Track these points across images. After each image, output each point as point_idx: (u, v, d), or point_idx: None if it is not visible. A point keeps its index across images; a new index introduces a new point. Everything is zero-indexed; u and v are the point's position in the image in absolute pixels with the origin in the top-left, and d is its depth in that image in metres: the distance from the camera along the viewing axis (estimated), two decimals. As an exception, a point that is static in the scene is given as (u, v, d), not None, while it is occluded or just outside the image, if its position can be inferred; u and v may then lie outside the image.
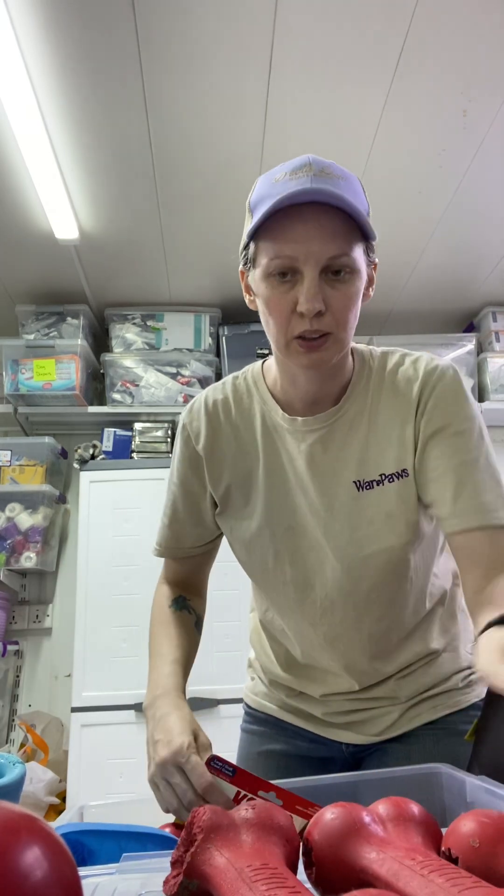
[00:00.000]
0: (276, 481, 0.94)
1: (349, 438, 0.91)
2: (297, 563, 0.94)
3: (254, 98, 1.84)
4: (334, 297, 0.81)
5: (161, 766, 0.73)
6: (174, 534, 1.03)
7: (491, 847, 0.42)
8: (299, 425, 0.92)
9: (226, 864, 0.39)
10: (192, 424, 0.99)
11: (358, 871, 0.41)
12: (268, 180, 0.82)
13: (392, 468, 0.89)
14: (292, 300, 0.80)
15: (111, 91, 1.80)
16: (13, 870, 0.31)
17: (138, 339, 2.84)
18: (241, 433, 0.96)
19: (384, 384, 0.92)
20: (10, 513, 2.63)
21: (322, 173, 0.79)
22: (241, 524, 0.97)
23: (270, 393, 0.96)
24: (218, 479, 0.97)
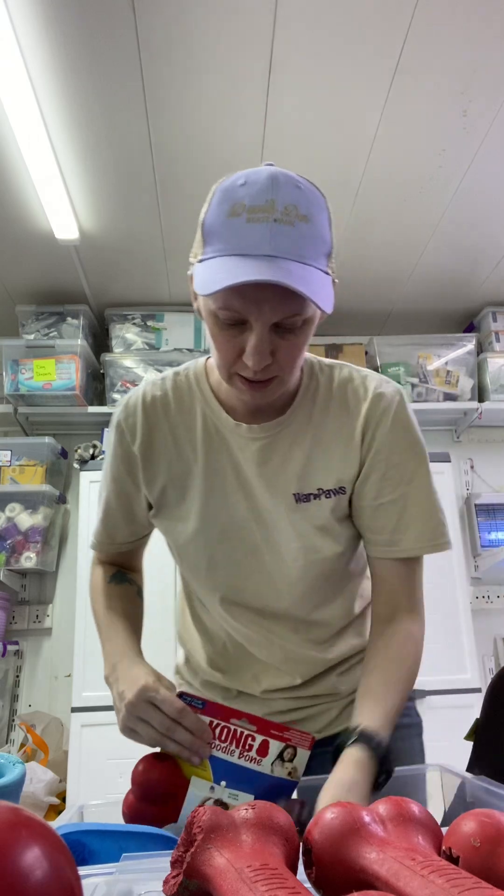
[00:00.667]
0: (214, 485, 0.91)
1: (293, 450, 0.90)
2: (231, 568, 0.92)
3: (254, 98, 1.84)
4: (283, 348, 0.77)
5: (131, 706, 0.75)
6: (107, 530, 1.01)
7: (492, 847, 0.42)
8: (244, 431, 0.90)
9: (226, 864, 0.38)
10: (128, 421, 0.93)
11: (358, 872, 0.41)
12: (224, 205, 0.73)
13: (331, 484, 0.89)
14: (239, 346, 0.77)
15: (111, 91, 1.80)
16: (13, 870, 0.31)
17: (138, 339, 2.84)
18: (179, 433, 0.92)
19: (332, 399, 0.91)
20: (10, 513, 2.63)
21: (285, 217, 0.71)
22: (176, 526, 0.94)
23: (214, 394, 0.93)
24: (153, 479, 0.93)
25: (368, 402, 0.89)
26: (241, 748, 0.72)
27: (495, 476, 3.06)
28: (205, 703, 0.73)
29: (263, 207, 0.71)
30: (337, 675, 0.98)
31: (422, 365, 2.95)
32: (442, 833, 0.45)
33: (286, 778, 0.73)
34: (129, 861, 0.53)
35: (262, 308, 0.73)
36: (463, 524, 2.91)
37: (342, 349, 2.93)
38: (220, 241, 0.73)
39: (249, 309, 0.73)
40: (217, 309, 0.75)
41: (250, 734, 0.72)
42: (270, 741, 0.72)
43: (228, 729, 0.72)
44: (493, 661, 2.79)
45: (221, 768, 0.72)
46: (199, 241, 0.78)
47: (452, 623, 2.45)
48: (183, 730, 0.72)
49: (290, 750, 0.73)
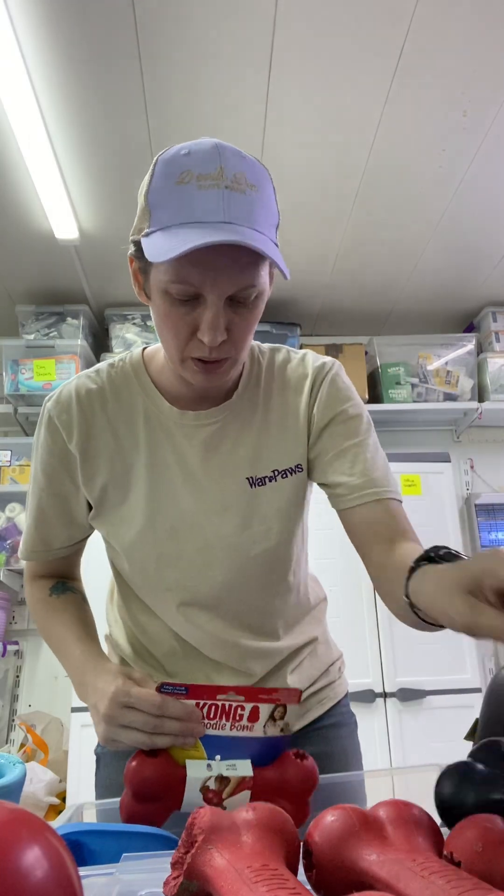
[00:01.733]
0: (159, 479, 0.87)
1: (242, 434, 0.88)
2: (182, 566, 0.88)
3: (254, 98, 1.84)
4: (237, 324, 0.75)
5: (108, 718, 0.71)
6: (42, 537, 0.94)
7: (493, 852, 0.41)
8: (190, 419, 0.87)
9: (226, 865, 0.38)
10: (62, 418, 0.87)
11: (358, 873, 0.41)
12: (171, 175, 0.71)
13: (286, 464, 0.88)
14: (192, 323, 0.74)
15: (111, 91, 1.80)
16: (13, 870, 0.31)
17: (138, 339, 2.84)
18: (119, 426, 0.88)
19: (275, 380, 0.91)
20: (10, 513, 2.63)
21: (235, 184, 0.69)
22: (120, 527, 0.89)
23: (154, 384, 0.89)
24: (92, 477, 0.88)
25: (310, 375, 0.90)
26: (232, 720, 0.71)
27: (495, 476, 3.06)
28: (187, 688, 0.71)
29: (213, 175, 0.69)
30: (290, 672, 0.95)
31: (422, 365, 2.95)
32: (442, 835, 0.45)
33: (279, 735, 0.72)
34: (129, 861, 0.53)
35: (218, 278, 0.70)
36: (463, 524, 2.91)
37: (342, 349, 2.93)
38: (168, 209, 0.70)
39: (205, 279, 0.70)
40: (170, 283, 0.72)
41: (239, 704, 0.71)
42: (260, 706, 0.71)
43: (216, 706, 0.71)
44: (493, 661, 2.79)
45: (213, 743, 0.71)
46: (142, 215, 0.74)
47: (452, 623, 2.45)
48: (170, 720, 0.69)
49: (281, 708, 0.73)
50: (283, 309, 2.91)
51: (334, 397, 0.89)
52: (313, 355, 0.94)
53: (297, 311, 2.94)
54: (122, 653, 0.99)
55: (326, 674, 1.01)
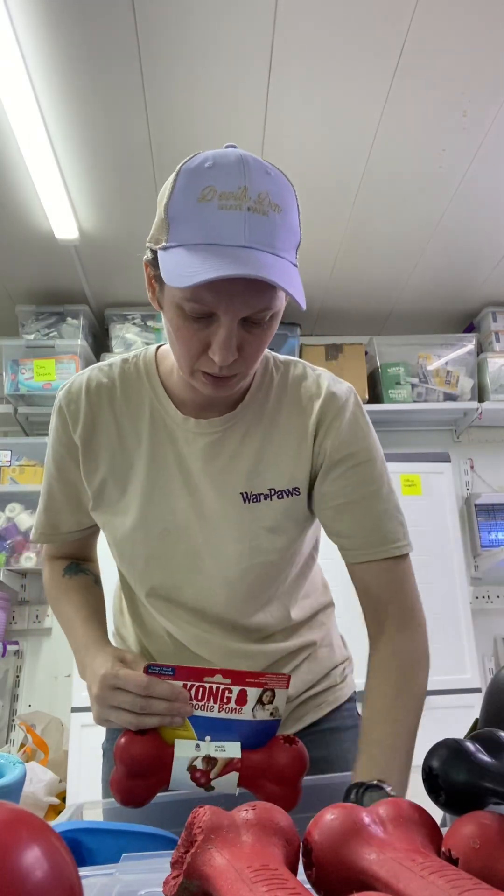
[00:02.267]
0: (158, 479, 0.87)
1: (242, 447, 0.87)
2: (170, 568, 0.88)
3: (254, 98, 1.84)
4: (249, 343, 0.74)
5: (99, 699, 0.73)
6: (50, 520, 0.96)
7: (491, 849, 0.42)
8: (192, 426, 0.86)
9: (226, 864, 0.38)
10: (70, 408, 0.88)
11: (358, 873, 0.41)
12: (193, 190, 0.69)
13: (283, 485, 0.86)
14: (204, 340, 0.73)
15: (111, 91, 1.80)
16: (13, 870, 0.31)
17: (138, 339, 2.84)
18: (124, 423, 0.88)
19: (286, 395, 0.89)
20: (10, 513, 2.63)
21: (258, 206, 0.67)
22: (114, 520, 0.89)
23: (163, 385, 0.89)
24: (93, 470, 0.88)
25: (321, 399, 0.87)
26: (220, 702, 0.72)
27: (495, 476, 3.06)
28: (174, 670, 0.72)
29: (236, 195, 0.67)
30: None
31: (422, 365, 2.95)
32: (442, 834, 0.45)
33: (269, 719, 0.73)
34: (129, 861, 0.53)
35: (232, 302, 0.69)
36: (463, 524, 2.91)
37: (342, 349, 2.93)
38: (188, 228, 0.69)
39: (220, 303, 0.69)
40: (184, 301, 0.71)
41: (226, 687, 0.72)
42: (248, 689, 0.72)
43: (203, 688, 0.72)
44: (493, 661, 2.79)
45: (203, 724, 0.71)
46: (160, 225, 0.73)
47: (452, 623, 2.45)
48: (157, 700, 0.70)
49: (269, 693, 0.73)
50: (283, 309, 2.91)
51: (347, 437, 0.86)
52: (330, 377, 0.90)
53: (297, 310, 2.94)
54: (127, 646, 1.00)
55: (327, 678, 0.99)
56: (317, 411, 0.86)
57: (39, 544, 1.01)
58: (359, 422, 0.88)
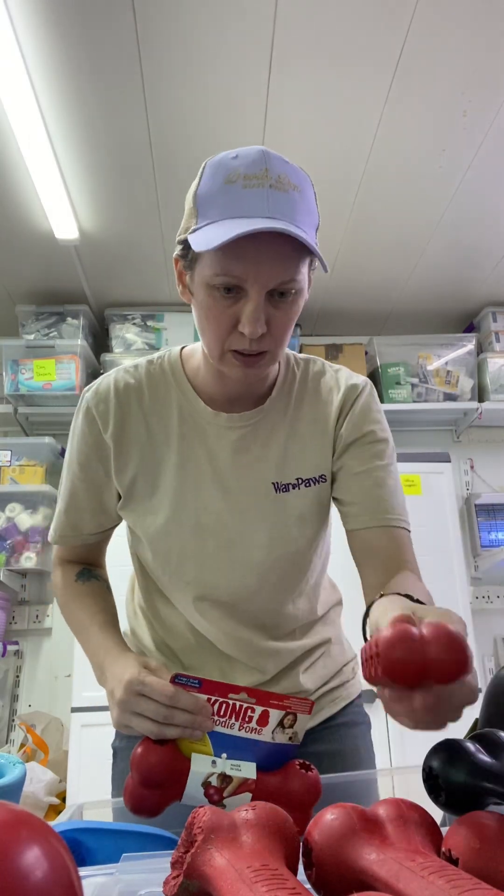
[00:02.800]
0: (188, 476, 0.90)
1: (271, 439, 0.91)
2: (203, 562, 0.90)
3: (254, 97, 1.84)
4: (276, 318, 0.78)
5: (122, 703, 0.73)
6: (71, 521, 0.97)
7: (491, 848, 0.42)
8: (223, 421, 0.90)
9: (226, 865, 0.38)
10: (99, 408, 0.91)
11: (358, 873, 0.41)
12: (219, 176, 0.75)
13: (310, 473, 0.91)
14: (234, 316, 0.77)
15: (111, 91, 1.80)
16: (13, 870, 0.31)
17: (138, 339, 2.84)
18: (153, 421, 0.91)
19: (307, 390, 0.94)
20: (10, 513, 2.63)
21: (279, 184, 0.74)
22: (146, 518, 0.91)
23: (190, 383, 0.92)
24: (124, 469, 0.91)
25: (343, 391, 0.93)
26: (241, 720, 0.72)
27: (495, 476, 3.06)
28: (201, 682, 0.72)
29: (258, 175, 0.73)
30: (302, 671, 0.97)
31: (422, 365, 2.95)
32: (442, 834, 0.45)
33: (287, 742, 0.73)
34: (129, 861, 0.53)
35: (260, 271, 0.73)
36: (463, 524, 2.91)
37: (342, 349, 2.93)
38: (216, 207, 0.74)
39: (248, 271, 0.73)
40: (214, 275, 0.75)
41: (250, 706, 0.71)
42: (270, 711, 0.72)
43: (227, 704, 0.72)
44: (493, 661, 2.79)
45: (221, 741, 0.71)
46: (190, 213, 0.78)
47: (452, 623, 2.45)
48: (180, 712, 0.70)
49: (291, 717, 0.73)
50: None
51: (365, 417, 0.92)
52: (348, 372, 0.97)
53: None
54: (143, 645, 1.01)
55: (340, 674, 1.02)
56: (338, 402, 0.92)
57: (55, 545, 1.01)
58: (372, 407, 0.94)
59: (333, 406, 0.92)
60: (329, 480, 0.92)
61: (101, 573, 1.04)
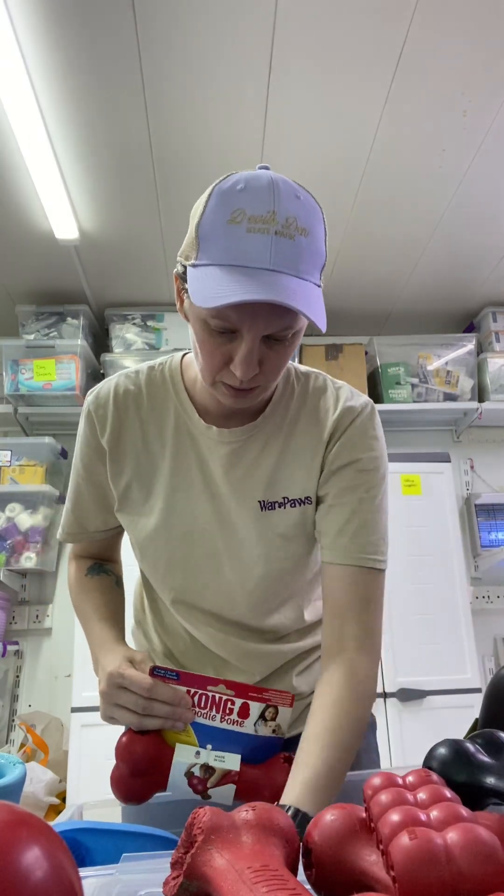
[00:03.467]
0: (180, 484, 0.90)
1: (261, 456, 0.89)
2: (190, 570, 0.91)
3: (254, 98, 1.84)
4: (270, 358, 0.77)
5: (105, 696, 0.75)
6: (77, 520, 0.99)
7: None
8: (214, 434, 0.89)
9: (226, 865, 0.38)
10: (99, 412, 0.92)
11: (358, 874, 0.41)
12: (223, 211, 0.71)
13: (296, 493, 0.89)
14: (227, 354, 0.76)
15: (111, 91, 1.80)
16: (13, 870, 0.31)
17: (138, 339, 2.84)
18: (149, 428, 0.91)
19: (305, 408, 0.92)
20: (10, 513, 2.63)
21: (286, 230, 0.70)
22: (138, 522, 0.93)
23: (188, 393, 0.92)
24: (119, 473, 0.92)
25: (337, 413, 0.89)
26: (222, 713, 0.73)
27: (495, 476, 3.06)
28: (178, 675, 0.73)
29: (264, 218, 0.70)
30: (296, 674, 0.97)
31: (422, 365, 2.95)
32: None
33: (271, 735, 0.73)
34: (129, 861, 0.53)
35: (255, 321, 0.72)
36: (463, 524, 2.91)
37: (342, 349, 2.93)
38: (217, 248, 0.71)
39: (244, 322, 0.72)
40: (209, 317, 0.73)
41: (229, 699, 0.73)
42: (250, 703, 0.73)
43: (206, 696, 0.73)
44: (493, 661, 2.79)
45: (205, 732, 0.72)
46: (191, 242, 0.75)
47: (452, 623, 2.45)
48: (159, 703, 0.72)
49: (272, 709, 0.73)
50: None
51: (355, 444, 0.88)
52: (349, 391, 0.93)
53: (297, 311, 2.94)
54: (151, 645, 1.03)
55: None
56: (331, 424, 0.89)
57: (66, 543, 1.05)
58: (367, 432, 0.89)
59: (327, 428, 0.89)
60: (314, 503, 0.90)
61: (113, 567, 1.06)
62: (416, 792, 0.43)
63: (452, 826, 0.38)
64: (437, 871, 0.36)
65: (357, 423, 0.89)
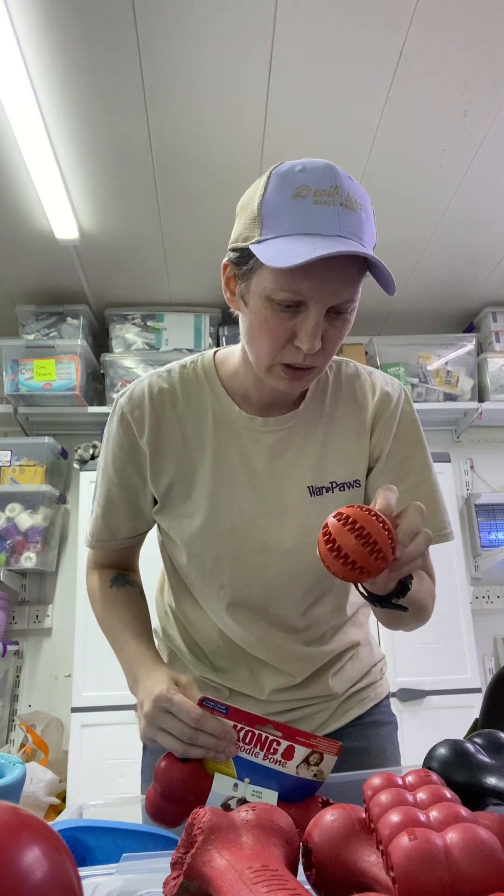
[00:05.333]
0: (223, 479, 0.90)
1: (306, 443, 0.91)
2: (238, 565, 0.91)
3: (254, 98, 1.84)
4: (331, 334, 0.79)
5: (149, 717, 0.73)
6: (108, 526, 0.98)
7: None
8: (259, 425, 0.90)
9: (226, 865, 0.38)
10: (134, 414, 0.91)
11: (358, 874, 0.41)
12: (287, 188, 0.74)
13: (344, 477, 0.91)
14: (290, 330, 0.77)
15: (111, 91, 1.80)
16: (13, 870, 0.31)
17: (138, 339, 2.84)
18: (187, 426, 0.91)
19: (341, 393, 0.94)
20: (10, 513, 2.63)
21: (349, 202, 0.73)
22: (181, 522, 0.92)
23: (224, 387, 0.92)
24: (160, 474, 0.91)
25: (377, 397, 0.93)
26: (266, 751, 0.71)
27: (495, 476, 3.06)
28: (228, 709, 0.71)
29: (329, 192, 0.73)
30: (331, 675, 0.98)
31: (422, 365, 2.95)
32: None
33: (311, 779, 0.72)
34: (129, 861, 0.53)
35: (325, 290, 0.74)
36: (463, 524, 2.91)
37: (342, 349, 2.92)
38: (284, 221, 0.73)
39: (314, 290, 0.74)
40: (277, 290, 0.74)
41: (275, 739, 0.71)
42: (296, 746, 0.71)
43: (252, 733, 0.71)
44: (493, 661, 2.79)
45: (245, 766, 0.71)
46: (251, 223, 0.76)
47: (452, 623, 2.45)
48: (205, 735, 0.70)
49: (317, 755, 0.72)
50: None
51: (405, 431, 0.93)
52: (382, 377, 0.96)
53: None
54: (174, 645, 1.02)
55: (368, 675, 1.03)
56: (372, 408, 0.92)
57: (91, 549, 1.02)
58: (409, 418, 0.94)
59: (369, 411, 0.92)
60: (363, 486, 0.92)
61: (135, 578, 1.05)
62: (415, 792, 0.43)
63: (452, 826, 0.38)
64: (437, 871, 0.36)
65: (397, 409, 0.93)
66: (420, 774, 0.46)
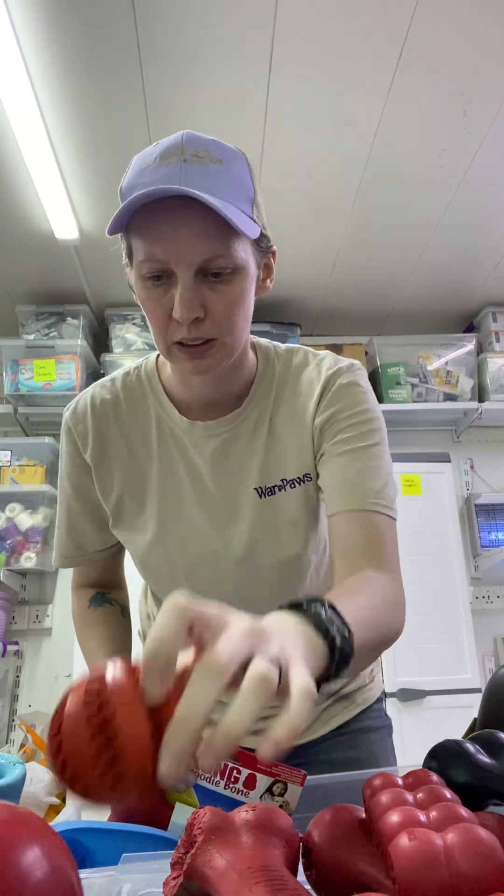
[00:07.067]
0: (170, 491, 0.86)
1: (252, 443, 0.85)
2: (193, 579, 0.87)
3: (254, 98, 1.84)
4: (214, 301, 0.72)
5: None
6: (73, 542, 0.94)
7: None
8: (199, 430, 0.85)
9: (226, 865, 0.38)
10: (78, 428, 0.88)
11: (358, 874, 0.41)
12: (139, 163, 0.72)
13: (294, 473, 0.85)
14: (168, 304, 0.72)
15: (111, 91, 1.80)
16: (13, 870, 0.31)
17: (138, 339, 2.84)
18: (132, 436, 0.87)
19: (287, 385, 0.87)
20: (10, 513, 2.63)
21: (195, 157, 0.69)
22: (135, 536, 0.89)
23: (166, 392, 0.88)
24: (108, 488, 0.88)
25: (322, 381, 0.85)
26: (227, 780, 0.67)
27: (495, 476, 3.06)
28: None
29: (172, 152, 0.70)
30: None
31: (422, 365, 2.95)
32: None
33: None
34: (129, 861, 0.53)
35: (181, 248, 0.69)
36: (463, 524, 2.90)
37: (342, 349, 2.93)
38: (132, 191, 0.71)
39: (170, 251, 0.69)
40: (141, 263, 0.72)
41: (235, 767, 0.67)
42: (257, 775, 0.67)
43: None
44: (493, 661, 2.79)
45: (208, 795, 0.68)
46: None
47: (452, 623, 2.45)
48: None
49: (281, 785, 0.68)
50: (283, 309, 2.91)
51: (341, 399, 0.83)
52: (332, 359, 0.88)
53: (297, 311, 2.94)
54: None
55: (356, 678, 0.98)
56: (316, 394, 0.85)
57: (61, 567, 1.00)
58: (355, 385, 0.85)
59: (313, 399, 0.84)
60: (314, 478, 0.85)
61: (117, 596, 1.01)
62: (415, 792, 0.43)
63: (452, 826, 0.38)
64: (437, 871, 0.36)
65: (343, 379, 0.84)
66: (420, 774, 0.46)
